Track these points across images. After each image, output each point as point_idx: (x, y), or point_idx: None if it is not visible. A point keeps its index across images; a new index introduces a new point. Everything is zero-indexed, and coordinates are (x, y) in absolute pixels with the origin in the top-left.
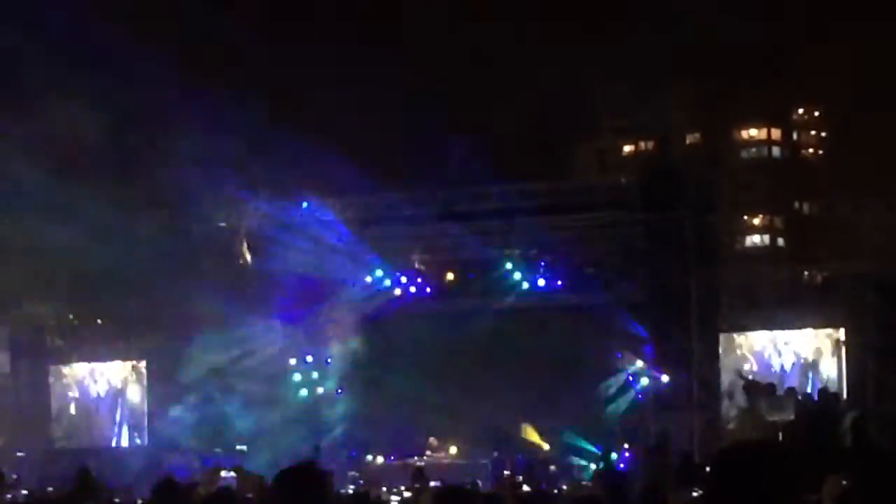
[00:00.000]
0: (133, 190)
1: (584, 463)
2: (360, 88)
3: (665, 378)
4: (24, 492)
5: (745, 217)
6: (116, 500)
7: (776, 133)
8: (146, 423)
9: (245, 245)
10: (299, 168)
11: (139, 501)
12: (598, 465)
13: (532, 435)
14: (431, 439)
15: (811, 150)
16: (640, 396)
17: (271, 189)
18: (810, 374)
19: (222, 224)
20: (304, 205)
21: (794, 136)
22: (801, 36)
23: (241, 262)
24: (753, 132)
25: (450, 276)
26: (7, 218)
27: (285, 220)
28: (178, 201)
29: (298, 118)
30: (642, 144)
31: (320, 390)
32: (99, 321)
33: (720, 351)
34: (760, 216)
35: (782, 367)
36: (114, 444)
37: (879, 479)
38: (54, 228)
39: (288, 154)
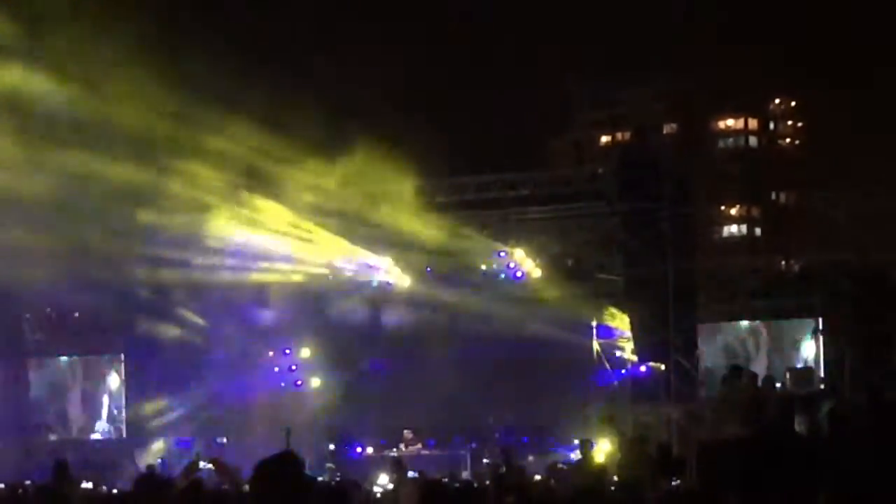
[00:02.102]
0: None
1: (562, 453)
2: (336, 83)
3: (643, 368)
4: (1, 485)
5: (723, 207)
6: (93, 490)
7: (753, 123)
8: (124, 416)
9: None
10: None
11: (115, 492)
12: (576, 456)
13: None
14: (406, 432)
15: (788, 140)
16: (618, 387)
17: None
18: (787, 363)
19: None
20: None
21: (771, 125)
22: (777, 26)
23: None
24: (730, 122)
25: (427, 268)
26: None
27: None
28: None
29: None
30: (619, 135)
31: (299, 382)
32: (76, 315)
33: (698, 341)
34: (738, 206)
35: (760, 356)
36: (92, 437)
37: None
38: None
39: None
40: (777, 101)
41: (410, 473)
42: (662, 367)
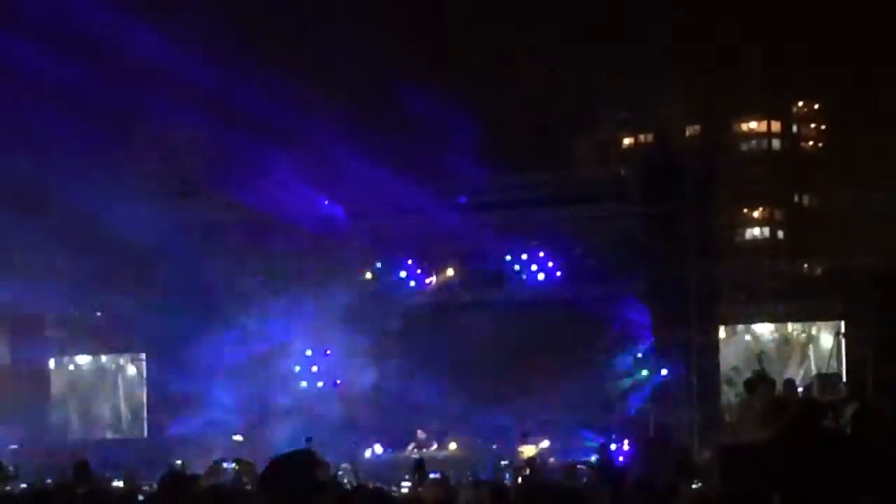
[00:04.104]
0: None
1: (583, 456)
2: (355, 78)
3: (665, 371)
4: (24, 485)
5: (745, 210)
6: (115, 487)
7: (776, 125)
8: (146, 415)
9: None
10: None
11: (140, 495)
12: (597, 458)
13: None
14: (419, 432)
15: (811, 143)
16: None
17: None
18: (810, 366)
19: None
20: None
21: (794, 128)
22: (801, 28)
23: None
24: (753, 125)
25: (449, 270)
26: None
27: (284, 210)
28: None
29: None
30: (642, 137)
31: (320, 383)
32: (98, 314)
33: (719, 343)
34: (760, 209)
35: (781, 358)
36: (114, 437)
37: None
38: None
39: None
40: (800, 103)
41: (432, 475)
42: (684, 369)
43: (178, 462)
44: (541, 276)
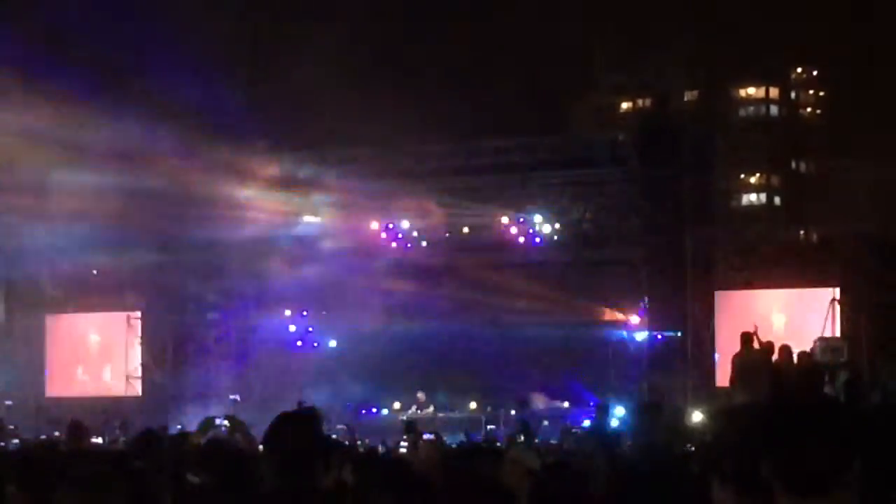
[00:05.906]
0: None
1: (577, 418)
2: (357, 44)
3: (660, 335)
4: (16, 440)
5: (742, 175)
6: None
7: (774, 92)
8: (140, 374)
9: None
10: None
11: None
12: (591, 421)
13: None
14: (419, 394)
15: (809, 110)
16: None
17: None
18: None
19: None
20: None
21: (793, 94)
22: None
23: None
24: (751, 90)
25: (445, 232)
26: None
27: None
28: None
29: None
30: (640, 101)
31: (315, 343)
32: (94, 272)
33: (715, 309)
34: (757, 175)
35: (777, 324)
36: (108, 395)
37: (871, 440)
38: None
39: (286, 107)
40: (799, 70)
41: (426, 436)
42: (679, 333)
43: (178, 427)
44: (537, 240)
